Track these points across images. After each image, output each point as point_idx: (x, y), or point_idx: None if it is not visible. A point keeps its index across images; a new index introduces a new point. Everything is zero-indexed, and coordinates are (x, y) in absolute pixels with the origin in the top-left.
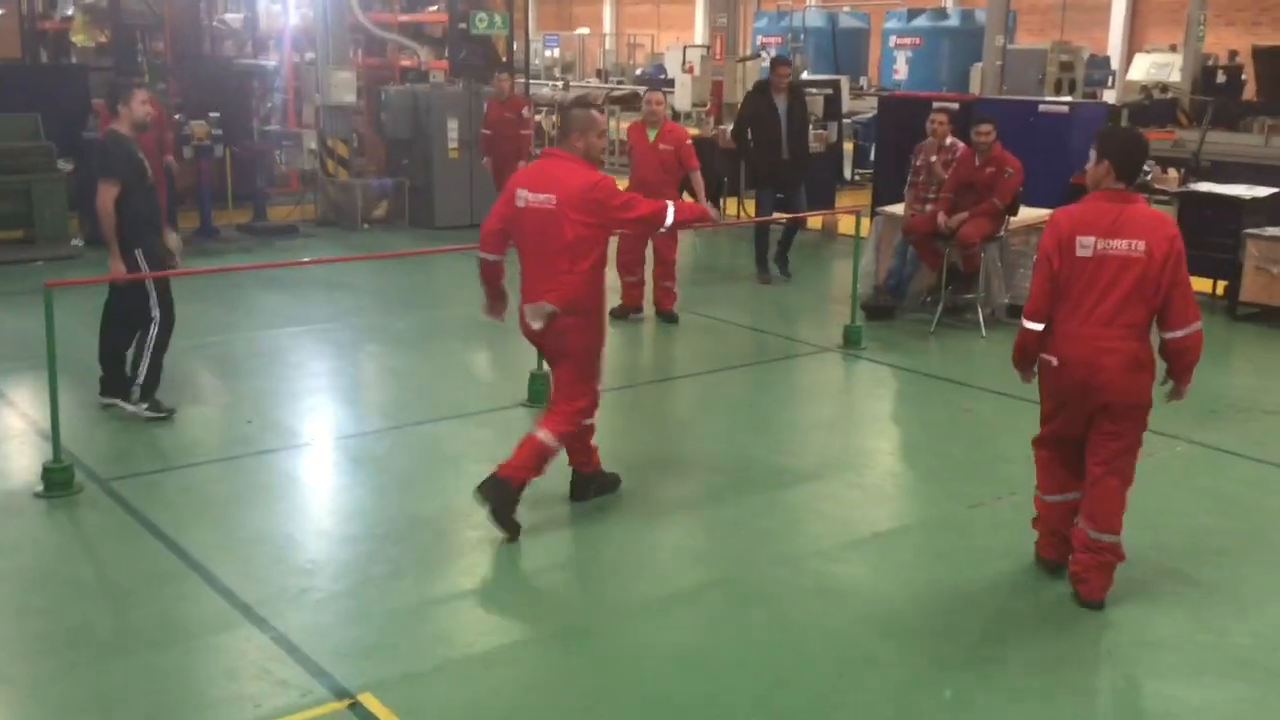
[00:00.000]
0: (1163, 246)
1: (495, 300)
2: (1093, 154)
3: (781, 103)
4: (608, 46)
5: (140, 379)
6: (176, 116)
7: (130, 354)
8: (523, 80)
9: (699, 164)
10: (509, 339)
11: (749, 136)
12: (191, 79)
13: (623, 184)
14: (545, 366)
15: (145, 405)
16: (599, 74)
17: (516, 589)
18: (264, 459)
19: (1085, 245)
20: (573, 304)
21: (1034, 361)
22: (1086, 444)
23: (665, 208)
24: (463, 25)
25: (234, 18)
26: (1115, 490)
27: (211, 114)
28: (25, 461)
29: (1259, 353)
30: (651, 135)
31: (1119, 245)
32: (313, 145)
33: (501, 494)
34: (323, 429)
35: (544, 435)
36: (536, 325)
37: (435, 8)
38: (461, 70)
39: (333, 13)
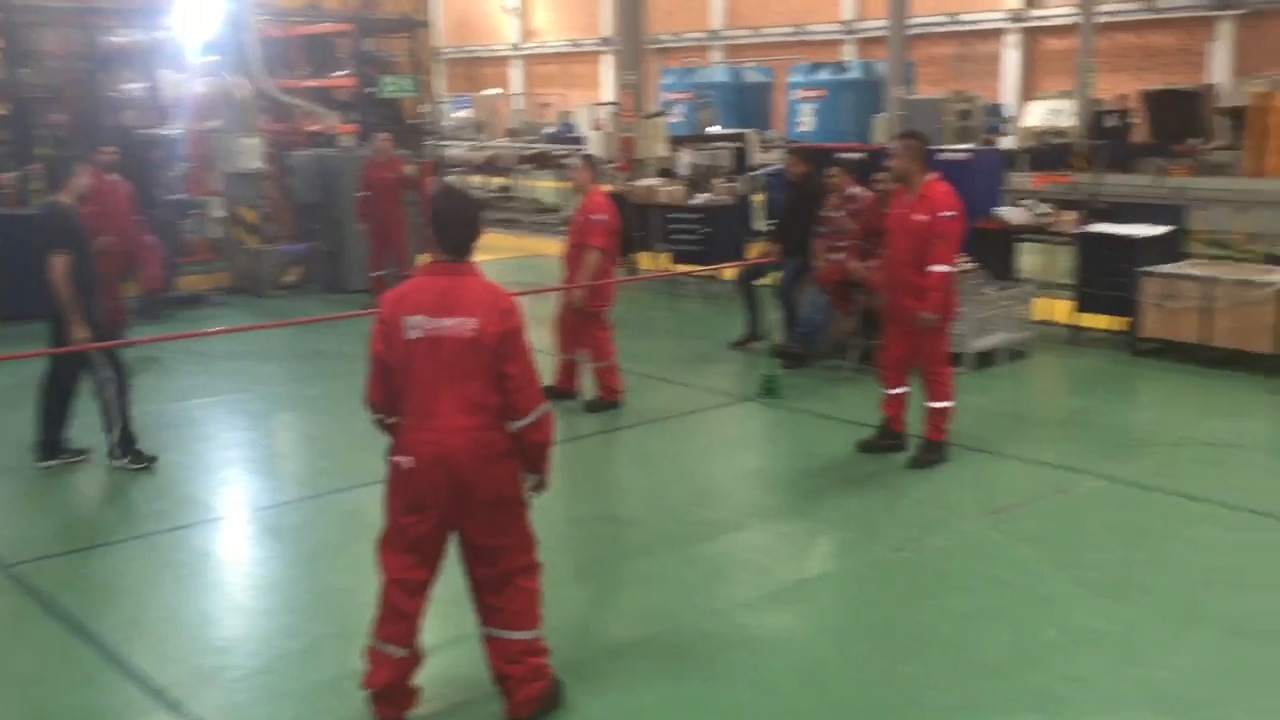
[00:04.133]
0: (495, 324)
1: None
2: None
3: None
4: (517, 106)
5: (117, 436)
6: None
7: (99, 419)
8: (433, 142)
9: (600, 243)
10: None
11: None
12: (92, 150)
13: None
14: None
15: (128, 459)
16: (510, 133)
17: (440, 658)
18: (176, 535)
19: (414, 326)
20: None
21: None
22: (466, 573)
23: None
24: (371, 89)
25: (135, 87)
26: (525, 589)
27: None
28: None
29: (1160, 387)
30: (574, 204)
31: (449, 324)
32: (220, 213)
33: None
34: (237, 502)
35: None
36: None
37: (343, 72)
38: (370, 133)
39: (236, 79)
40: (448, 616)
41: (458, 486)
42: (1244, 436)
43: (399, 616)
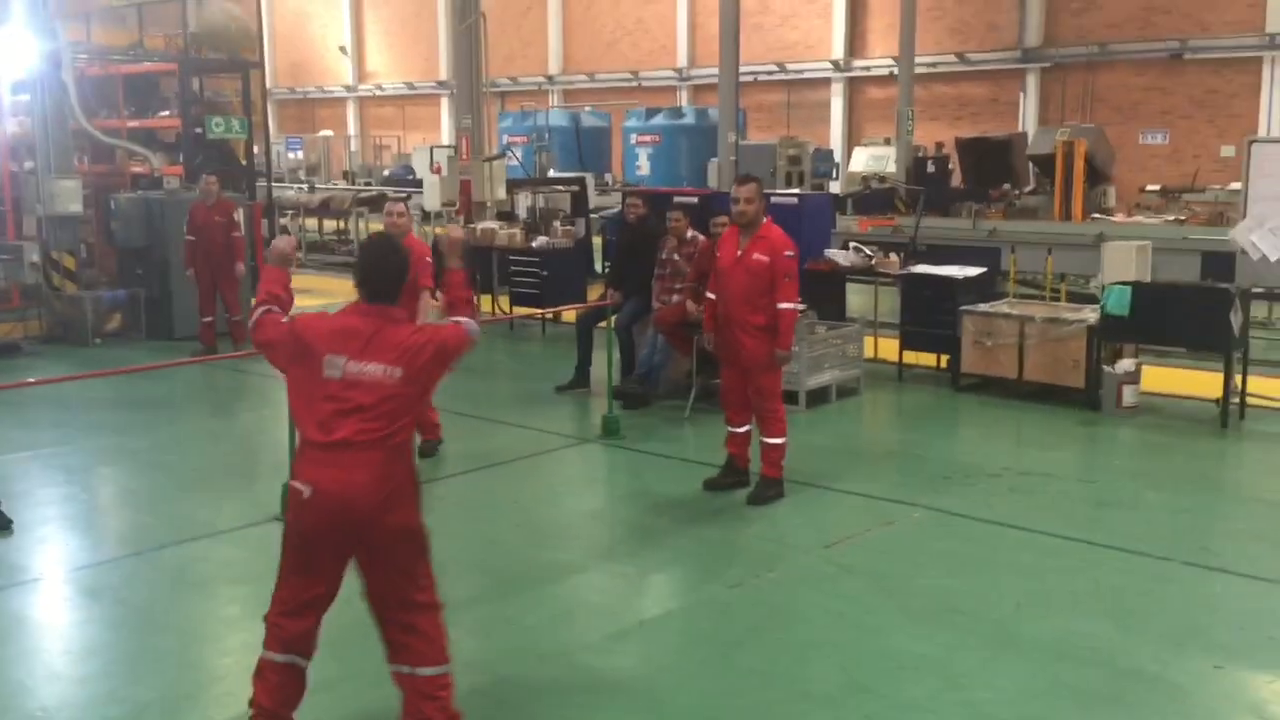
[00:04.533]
0: (416, 372)
1: None
2: None
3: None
4: (353, 148)
5: None
6: None
7: None
8: (265, 184)
9: (432, 283)
10: (260, 450)
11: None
12: None
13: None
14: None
15: None
16: (346, 176)
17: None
18: None
19: (334, 366)
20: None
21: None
22: (371, 610)
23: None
24: (199, 130)
25: None
26: (434, 623)
27: None
28: None
29: (980, 420)
30: None
31: (370, 369)
32: (35, 258)
33: None
34: (54, 562)
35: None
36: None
37: (168, 113)
38: (197, 175)
39: (53, 119)
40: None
41: (358, 519)
42: (1056, 466)
43: (288, 640)
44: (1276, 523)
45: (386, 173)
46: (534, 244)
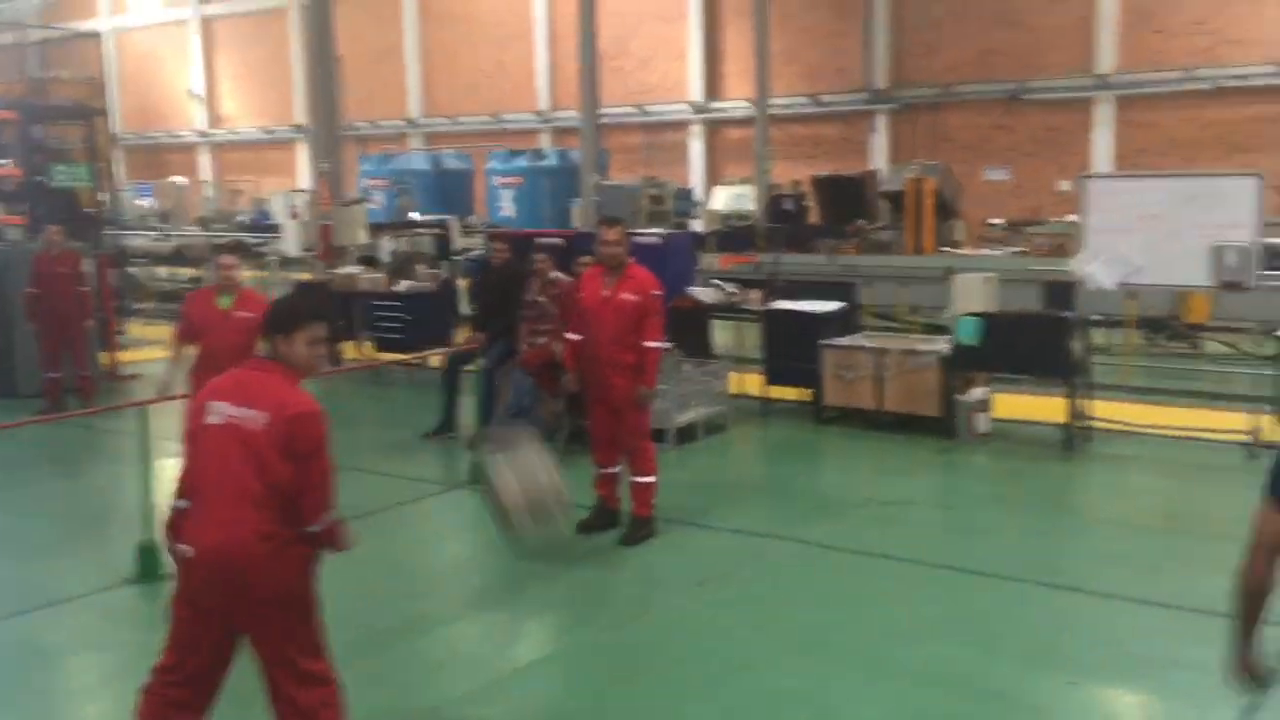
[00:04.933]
0: (284, 423)
1: None
2: None
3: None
4: (208, 194)
5: None
6: None
7: None
8: (112, 232)
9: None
10: (110, 512)
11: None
12: None
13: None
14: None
15: None
16: (200, 222)
17: None
18: None
19: (215, 411)
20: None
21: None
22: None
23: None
24: (41, 178)
25: None
26: (324, 697)
27: None
28: None
29: (843, 452)
30: (225, 303)
31: (245, 414)
32: None
33: None
34: None
35: None
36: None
37: (8, 161)
38: (41, 225)
39: None
40: None
41: (236, 581)
42: (916, 494)
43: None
44: (1122, 543)
45: (243, 218)
46: (397, 288)
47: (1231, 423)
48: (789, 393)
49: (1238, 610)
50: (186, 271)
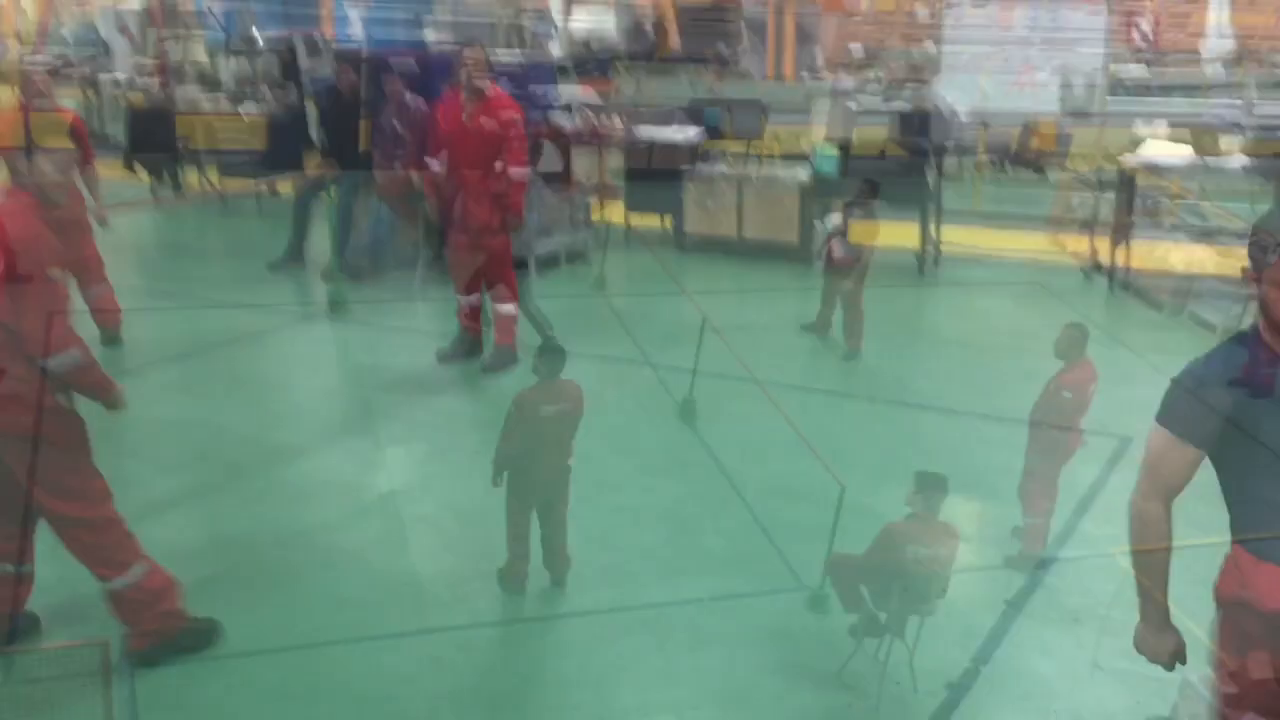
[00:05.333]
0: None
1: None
2: None
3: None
4: (23, 4)
5: None
6: None
7: None
8: None
9: (93, 156)
10: None
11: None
12: None
13: None
14: None
15: None
16: (17, 39)
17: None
18: None
19: None
20: None
21: None
22: None
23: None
24: None
25: None
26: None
27: None
28: None
29: (703, 277)
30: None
31: None
32: None
33: None
34: None
35: None
36: None
37: None
38: None
39: None
40: None
41: None
42: (775, 319)
43: None
44: (964, 362)
45: (66, 34)
46: (242, 111)
47: (1072, 246)
48: (651, 220)
49: (1135, 562)
50: None
